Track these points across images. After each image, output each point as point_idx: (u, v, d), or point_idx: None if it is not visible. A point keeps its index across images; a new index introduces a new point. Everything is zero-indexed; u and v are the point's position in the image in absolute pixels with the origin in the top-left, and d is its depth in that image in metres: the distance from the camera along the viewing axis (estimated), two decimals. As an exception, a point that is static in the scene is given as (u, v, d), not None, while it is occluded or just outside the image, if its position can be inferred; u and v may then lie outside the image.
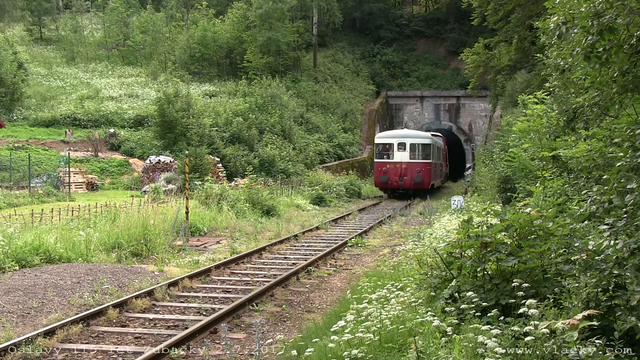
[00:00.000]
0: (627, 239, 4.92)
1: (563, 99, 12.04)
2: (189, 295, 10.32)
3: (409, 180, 34.52)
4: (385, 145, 35.88)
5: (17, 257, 11.55)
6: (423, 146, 35.42)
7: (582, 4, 5.79)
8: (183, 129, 35.67)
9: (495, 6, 35.77)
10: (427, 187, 35.24)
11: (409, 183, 34.54)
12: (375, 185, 37.27)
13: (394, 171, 34.68)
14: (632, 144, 5.84)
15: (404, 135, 36.09)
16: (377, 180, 35.94)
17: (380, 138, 36.93)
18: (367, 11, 63.02)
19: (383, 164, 35.33)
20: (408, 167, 34.57)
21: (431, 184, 36.00)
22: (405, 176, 34.52)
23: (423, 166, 34.80)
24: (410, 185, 34.62)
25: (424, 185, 34.96)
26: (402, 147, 35.15)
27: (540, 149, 13.54)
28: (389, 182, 34.90)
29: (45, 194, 26.30)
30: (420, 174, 34.46)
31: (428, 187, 35.44)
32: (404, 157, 34.81)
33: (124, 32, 61.44)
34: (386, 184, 35.24)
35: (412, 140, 35.33)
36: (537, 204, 9.90)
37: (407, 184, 34.59)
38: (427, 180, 35.02)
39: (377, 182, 36.08)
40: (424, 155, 35.31)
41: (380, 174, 35.41)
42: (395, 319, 6.04)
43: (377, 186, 37.05)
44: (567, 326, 4.19)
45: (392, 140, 35.65)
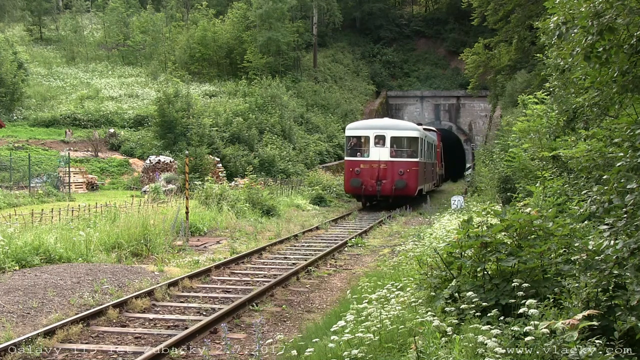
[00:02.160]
0: (627, 239, 4.92)
1: (563, 99, 12.06)
2: (189, 295, 10.32)
3: (389, 184, 27.02)
4: (359, 138, 28.43)
5: (17, 257, 11.55)
6: (409, 140, 28.08)
7: (582, 4, 5.79)
8: (183, 129, 35.67)
9: (495, 6, 35.76)
10: (412, 193, 27.83)
11: (388, 188, 27.03)
12: (346, 191, 29.55)
13: (370, 173, 27.11)
14: (632, 144, 5.84)
15: (383, 125, 28.35)
16: (347, 185, 28.18)
17: (353, 129, 29.00)
18: (367, 11, 63.01)
19: (355, 163, 27.81)
20: (388, 167, 27.09)
21: (418, 189, 28.45)
22: (385, 179, 26.97)
23: (408, 166, 27.34)
24: (390, 191, 27.06)
25: (409, 192, 27.53)
26: (381, 141, 27.49)
27: (540, 149, 13.54)
28: (363, 187, 27.17)
29: (45, 194, 26.30)
30: (403, 176, 26.98)
31: (414, 193, 27.95)
32: (383, 154, 27.25)
33: (124, 32, 61.44)
34: (359, 189, 27.46)
35: (394, 132, 27.70)
36: (537, 204, 9.90)
37: (387, 189, 27.07)
38: (412, 185, 27.51)
39: (348, 187, 28.31)
40: (410, 153, 27.91)
41: (351, 176, 27.66)
42: (395, 319, 6.04)
43: (348, 192, 29.49)
44: (567, 326, 4.19)
45: (368, 132, 27.87)
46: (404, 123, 31.04)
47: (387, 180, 27.02)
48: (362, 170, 27.29)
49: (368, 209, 27.89)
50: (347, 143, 28.96)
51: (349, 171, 27.98)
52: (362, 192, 27.55)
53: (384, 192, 27.08)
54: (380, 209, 26.90)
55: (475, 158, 37.77)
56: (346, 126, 30.84)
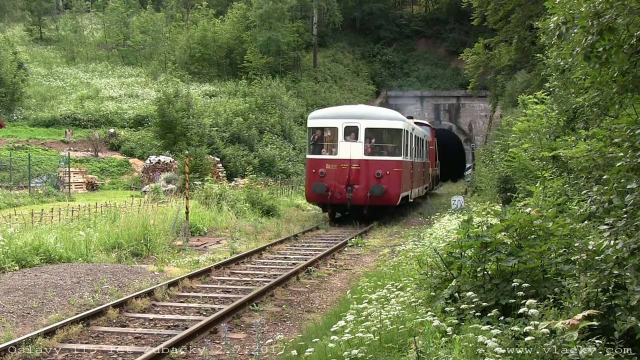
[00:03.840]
0: (627, 239, 4.92)
1: (563, 99, 12.06)
2: (189, 295, 10.32)
3: (362, 190, 20.61)
4: (324, 130, 22.04)
5: (17, 257, 11.56)
6: (389, 133, 21.88)
7: (582, 4, 5.79)
8: (183, 129, 35.70)
9: (495, 6, 35.75)
10: (393, 202, 21.40)
11: (362, 196, 20.60)
12: (308, 199, 22.54)
13: (338, 175, 20.79)
14: (632, 144, 5.84)
15: (356, 113, 21.76)
16: (309, 191, 21.53)
17: (316, 119, 22.36)
18: (367, 11, 63.03)
19: (319, 162, 21.26)
20: (362, 168, 20.85)
21: (402, 196, 21.85)
22: (357, 184, 20.67)
23: (388, 167, 21.07)
24: (364, 199, 20.59)
25: (388, 200, 21.08)
26: (353, 133, 21.10)
27: (540, 149, 13.54)
28: (329, 194, 20.63)
29: (45, 194, 26.31)
30: (381, 180, 20.69)
31: (395, 201, 21.49)
32: (356, 150, 20.90)
33: (124, 32, 61.48)
34: (323, 197, 20.83)
35: (369, 122, 21.31)
36: (537, 204, 9.90)
37: (360, 197, 20.63)
38: (393, 191, 21.07)
39: (309, 193, 21.64)
40: (391, 149, 21.70)
41: (314, 179, 21.13)
42: (395, 319, 6.04)
43: (311, 201, 22.47)
44: (567, 326, 4.19)
45: (336, 122, 21.41)
46: (383, 111, 23.72)
47: (360, 185, 20.69)
48: (327, 172, 20.93)
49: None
50: (310, 136, 22.36)
51: (310, 173, 21.49)
52: (328, 201, 20.85)
53: (357, 200, 20.69)
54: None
55: (475, 158, 37.73)
56: (309, 115, 23.52)
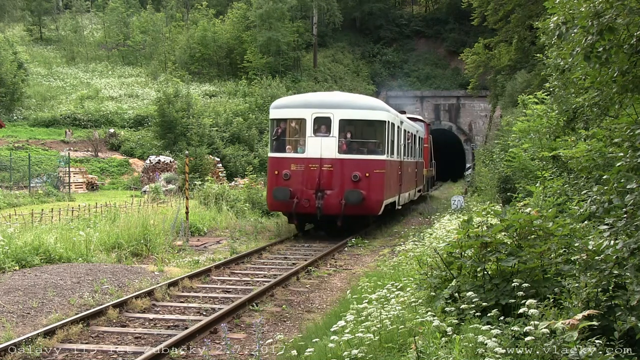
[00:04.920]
0: (627, 239, 4.93)
1: (563, 99, 12.06)
2: (189, 295, 10.32)
3: (335, 196, 16.71)
4: (289, 122, 18.03)
5: (17, 257, 11.56)
6: (370, 126, 17.94)
7: (582, 4, 5.79)
8: (183, 129, 35.71)
9: (495, 6, 35.75)
10: (374, 210, 17.55)
11: (335, 203, 16.70)
12: (269, 206, 18.62)
13: (306, 178, 16.92)
14: (632, 144, 5.85)
15: (328, 101, 17.68)
16: (270, 197, 17.55)
17: (280, 108, 18.16)
18: (367, 11, 63.00)
19: (283, 162, 17.33)
20: (335, 169, 16.87)
21: (385, 203, 17.98)
22: (329, 189, 16.77)
23: (368, 167, 17.09)
24: (338, 208, 16.68)
25: (369, 208, 17.21)
26: (324, 126, 17.14)
27: (540, 149, 13.56)
28: (295, 200, 16.78)
29: (45, 194, 26.33)
30: (359, 184, 16.74)
31: (377, 210, 17.63)
32: (328, 147, 16.87)
33: (124, 32, 61.50)
34: (288, 204, 16.98)
35: (345, 112, 17.21)
36: (537, 204, 9.91)
37: (333, 204, 16.72)
38: (375, 197, 17.13)
39: (270, 200, 17.66)
40: (374, 146, 17.73)
41: (276, 183, 17.27)
42: (395, 319, 6.04)
43: (273, 209, 18.62)
44: (567, 326, 4.19)
45: (303, 111, 17.39)
46: (362, 99, 19.35)
47: (333, 191, 16.64)
48: (293, 174, 16.91)
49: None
50: (272, 130, 18.13)
51: (272, 175, 17.41)
52: (294, 209, 16.82)
53: (328, 209, 16.62)
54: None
55: (475, 158, 37.73)
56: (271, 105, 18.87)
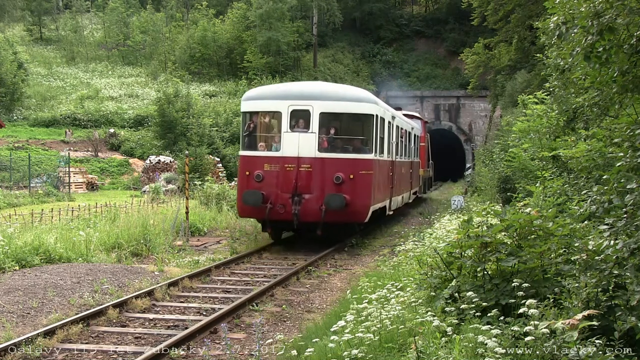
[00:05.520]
0: (627, 239, 4.93)
1: (563, 99, 12.07)
2: (189, 295, 10.32)
3: (315, 201, 14.68)
4: (263, 116, 15.89)
5: (17, 257, 11.56)
6: (356, 121, 15.78)
7: (582, 4, 5.79)
8: (183, 129, 35.72)
9: (495, 6, 35.76)
10: (360, 217, 15.31)
11: (314, 209, 14.63)
12: (240, 212, 16.01)
13: (281, 180, 14.86)
14: (632, 144, 5.85)
15: (307, 92, 15.57)
16: (240, 202, 15.25)
17: (253, 100, 15.93)
18: (367, 11, 63.00)
19: (255, 162, 15.20)
20: (315, 169, 14.86)
21: (373, 209, 15.77)
22: (308, 193, 14.75)
23: (353, 168, 15.00)
24: (318, 214, 14.59)
25: (354, 215, 15.02)
26: (303, 120, 15.12)
27: (540, 149, 13.56)
28: (269, 206, 14.64)
29: (45, 194, 26.34)
30: (343, 187, 14.69)
31: (364, 217, 15.38)
32: (307, 144, 14.89)
33: (124, 32, 61.53)
34: (260, 210, 14.80)
35: (326, 104, 15.12)
36: (537, 204, 9.91)
37: (312, 210, 14.66)
38: (360, 202, 15.01)
39: (240, 205, 15.36)
40: (360, 143, 15.61)
41: (248, 185, 15.14)
42: (395, 319, 6.04)
43: (243, 214, 16.00)
44: (567, 326, 4.20)
45: (279, 104, 15.29)
46: (347, 89, 16.58)
47: (312, 195, 14.56)
48: (266, 175, 14.77)
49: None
50: (244, 125, 15.86)
51: (243, 177, 15.19)
52: (267, 216, 14.67)
53: (307, 215, 14.54)
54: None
55: (475, 158, 37.73)
56: (243, 95, 16.58)
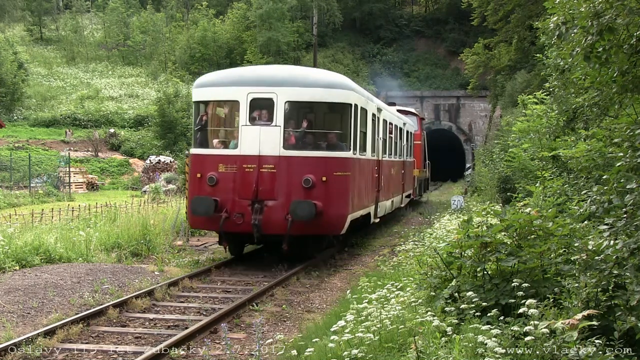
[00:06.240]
0: (627, 239, 4.93)
1: (563, 99, 12.08)
2: (189, 295, 10.32)
3: (279, 209, 11.88)
4: (218, 106, 13.56)
5: (17, 257, 11.55)
6: (331, 111, 13.52)
7: (582, 4, 5.80)
8: (183, 129, 35.73)
9: (495, 6, 35.76)
10: (335, 229, 12.56)
11: (278, 219, 11.83)
12: (191, 223, 13.56)
13: (239, 183, 12.12)
14: (632, 144, 5.85)
15: (271, 77, 12.62)
16: (191, 213, 12.59)
17: (206, 87, 13.15)
18: (367, 11, 62.99)
19: (208, 161, 12.57)
20: (279, 170, 12.04)
21: (351, 218, 12.89)
22: (271, 199, 11.97)
23: (326, 169, 12.14)
24: (282, 224, 11.78)
25: (327, 226, 12.25)
26: (265, 111, 12.34)
27: (540, 149, 13.57)
28: (224, 215, 11.90)
29: (45, 194, 26.34)
30: (313, 192, 11.89)
31: (340, 228, 12.56)
32: (270, 140, 12.10)
33: (124, 32, 61.54)
34: (213, 220, 12.08)
35: (295, 91, 12.32)
36: (537, 204, 9.91)
37: (275, 220, 11.86)
38: (335, 211, 12.15)
39: (191, 216, 12.79)
40: (335, 139, 12.75)
41: (199, 190, 12.45)
42: (395, 319, 6.04)
43: (194, 225, 13.60)
44: (567, 326, 4.20)
45: (237, 91, 12.45)
46: (318, 73, 13.72)
47: (276, 202, 11.92)
48: (221, 177, 12.18)
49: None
50: (196, 118, 13.37)
51: (194, 180, 12.60)
52: (222, 227, 12.04)
53: (270, 226, 11.90)
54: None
55: (475, 158, 37.74)
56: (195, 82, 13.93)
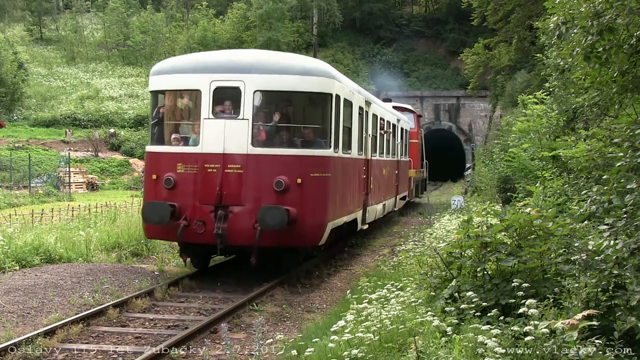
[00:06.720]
0: (627, 239, 4.93)
1: (563, 99, 12.09)
2: (189, 295, 10.31)
3: (246, 216, 9.96)
4: (177, 96, 11.41)
5: (17, 257, 11.55)
6: (308, 102, 11.33)
7: (582, 4, 5.80)
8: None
9: (495, 6, 35.76)
10: (312, 239, 10.60)
11: (246, 228, 9.91)
12: (145, 232, 11.30)
13: (200, 186, 10.25)
14: (632, 144, 5.86)
15: (238, 63, 10.47)
16: (143, 221, 10.69)
17: (165, 74, 10.98)
18: (367, 11, 63.00)
19: (164, 161, 10.71)
20: (247, 171, 10.08)
21: (330, 226, 10.80)
22: (237, 205, 10.06)
23: (300, 169, 10.14)
24: (251, 235, 9.80)
25: (303, 237, 10.32)
26: (230, 101, 10.38)
27: (540, 149, 13.56)
28: (184, 223, 10.07)
29: (45, 194, 26.34)
30: (287, 196, 9.93)
31: (317, 239, 10.57)
32: (235, 135, 10.08)
33: (124, 32, 61.54)
34: (169, 230, 10.19)
35: (266, 79, 10.20)
36: (537, 204, 9.92)
37: (242, 229, 9.95)
38: (311, 218, 10.19)
39: (144, 225, 10.85)
40: (312, 135, 10.78)
41: (154, 194, 10.59)
42: (395, 319, 6.04)
43: (150, 235, 11.40)
44: (567, 326, 4.20)
45: (198, 78, 10.39)
46: (291, 59, 11.52)
47: (242, 208, 10.18)
48: (180, 179, 10.45)
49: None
50: (152, 110, 11.67)
51: (150, 181, 10.89)
52: (180, 237, 10.37)
53: (235, 236, 10.18)
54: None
55: (475, 158, 37.74)
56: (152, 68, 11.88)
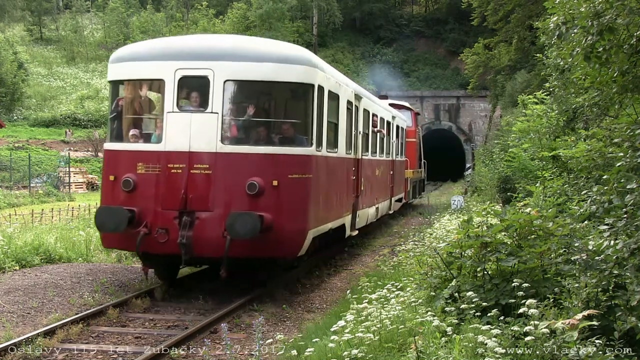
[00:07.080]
0: (627, 239, 4.93)
1: (563, 99, 12.09)
2: (190, 295, 10.31)
3: (215, 223, 8.55)
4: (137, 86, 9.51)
5: (17, 257, 11.55)
6: (283, 92, 9.86)
7: (582, 4, 5.80)
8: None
9: (495, 6, 35.77)
10: (290, 250, 9.13)
11: (214, 236, 8.51)
12: (102, 241, 9.84)
13: (163, 189, 8.78)
14: (632, 144, 5.86)
15: (205, 49, 9.03)
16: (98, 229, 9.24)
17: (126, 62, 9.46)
18: (367, 11, 63.01)
19: (123, 160, 9.22)
20: (215, 172, 8.66)
21: (311, 234, 9.47)
22: (204, 210, 8.66)
23: (277, 170, 8.78)
24: (220, 244, 8.39)
25: (279, 247, 8.84)
26: (197, 92, 8.99)
27: (540, 149, 13.56)
28: (144, 231, 8.65)
29: (45, 194, 26.35)
30: (261, 200, 8.57)
31: (295, 250, 9.16)
32: (203, 131, 8.67)
33: (124, 32, 61.52)
34: (128, 239, 8.82)
35: (237, 67, 8.78)
36: (537, 204, 9.92)
37: (209, 238, 8.56)
38: (289, 225, 8.79)
39: (103, 235, 9.44)
40: (290, 130, 9.45)
41: (113, 196, 9.15)
42: (395, 319, 6.04)
43: (107, 245, 9.92)
44: (567, 326, 4.20)
45: (162, 66, 8.90)
46: (267, 45, 9.88)
47: (210, 214, 8.75)
48: (140, 180, 8.98)
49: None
50: (112, 102, 10.17)
51: (107, 184, 9.46)
52: (140, 246, 8.84)
53: (202, 245, 8.74)
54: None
55: (475, 158, 37.74)
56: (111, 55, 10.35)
